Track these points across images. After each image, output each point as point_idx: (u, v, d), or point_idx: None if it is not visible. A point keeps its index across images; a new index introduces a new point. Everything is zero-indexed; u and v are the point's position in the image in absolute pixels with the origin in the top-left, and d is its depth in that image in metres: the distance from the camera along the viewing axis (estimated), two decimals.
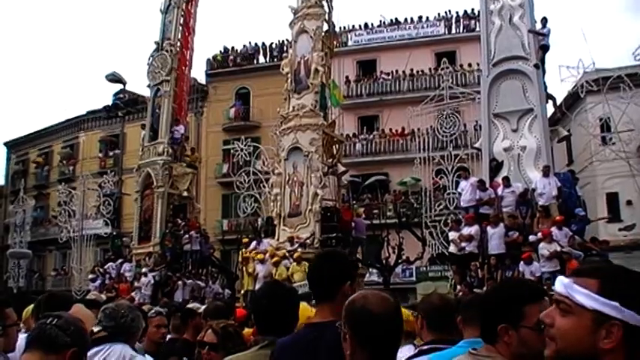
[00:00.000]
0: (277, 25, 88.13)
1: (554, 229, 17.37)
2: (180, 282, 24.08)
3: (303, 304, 4.11)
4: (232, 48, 47.11)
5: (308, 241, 21.97)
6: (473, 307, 3.81)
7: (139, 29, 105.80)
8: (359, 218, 24.56)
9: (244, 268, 22.40)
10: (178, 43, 30.68)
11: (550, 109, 22.35)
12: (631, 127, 20.71)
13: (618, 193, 30.18)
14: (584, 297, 1.87)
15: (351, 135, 39.55)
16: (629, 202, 29.29)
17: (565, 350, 1.91)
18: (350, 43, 43.46)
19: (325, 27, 25.51)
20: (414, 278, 29.85)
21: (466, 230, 19.00)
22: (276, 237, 23.06)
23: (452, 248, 19.45)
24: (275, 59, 42.17)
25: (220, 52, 47.15)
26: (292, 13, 25.30)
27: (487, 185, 19.47)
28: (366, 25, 44.14)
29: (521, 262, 17.55)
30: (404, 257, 29.45)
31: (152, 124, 30.13)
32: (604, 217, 24.69)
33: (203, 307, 7.52)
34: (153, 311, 6.77)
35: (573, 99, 25.05)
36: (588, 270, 1.97)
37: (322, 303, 3.35)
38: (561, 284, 1.95)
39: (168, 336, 6.91)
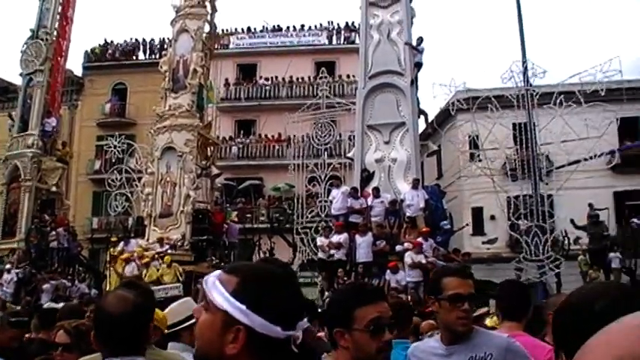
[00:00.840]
0: (159, 21, 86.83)
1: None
2: (47, 284, 23.24)
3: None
4: (112, 42, 46.08)
5: (178, 242, 21.83)
6: None
7: (14, 14, 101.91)
8: (231, 222, 24.60)
9: (112, 268, 22.02)
10: (55, 32, 29.83)
11: (422, 124, 23.14)
12: (496, 145, 21.62)
13: (483, 208, 31.36)
14: (218, 295, 1.72)
15: (227, 138, 39.40)
16: (492, 217, 30.44)
17: (201, 349, 1.78)
18: (231, 45, 43.23)
19: (207, 28, 25.40)
20: None
21: (335, 238, 19.36)
22: (146, 237, 22.77)
23: (321, 254, 19.78)
24: (155, 56, 41.55)
25: (99, 45, 45.99)
26: (174, 10, 25.05)
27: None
28: (249, 29, 44.08)
29: (388, 271, 18.03)
30: None
31: (22, 114, 29.17)
32: (464, 225, 25.66)
33: None
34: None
35: (444, 116, 25.97)
36: (235, 267, 1.85)
37: None
38: (205, 279, 1.82)
39: (27, 335, 6.77)
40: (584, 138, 20.07)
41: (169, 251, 21.20)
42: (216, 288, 1.75)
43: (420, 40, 21.48)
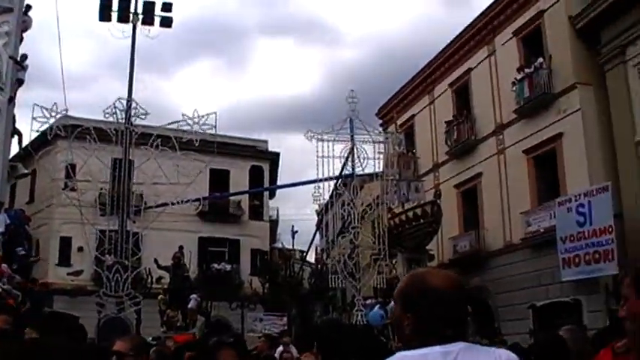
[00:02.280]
0: None
1: None
2: None
3: None
4: None
5: None
6: None
7: None
8: None
9: None
10: None
11: (15, 144, 22.19)
12: (89, 177, 21.43)
13: (72, 239, 30.92)
14: None
15: None
16: (80, 249, 30.04)
17: None
18: None
19: None
20: None
21: None
22: None
23: None
24: None
25: None
26: None
27: None
28: None
29: None
30: None
31: None
32: (36, 258, 24.93)
33: None
34: None
35: (42, 140, 25.14)
36: None
37: None
38: None
39: None
40: (175, 183, 20.74)
41: None
42: None
43: (25, 57, 20.77)
